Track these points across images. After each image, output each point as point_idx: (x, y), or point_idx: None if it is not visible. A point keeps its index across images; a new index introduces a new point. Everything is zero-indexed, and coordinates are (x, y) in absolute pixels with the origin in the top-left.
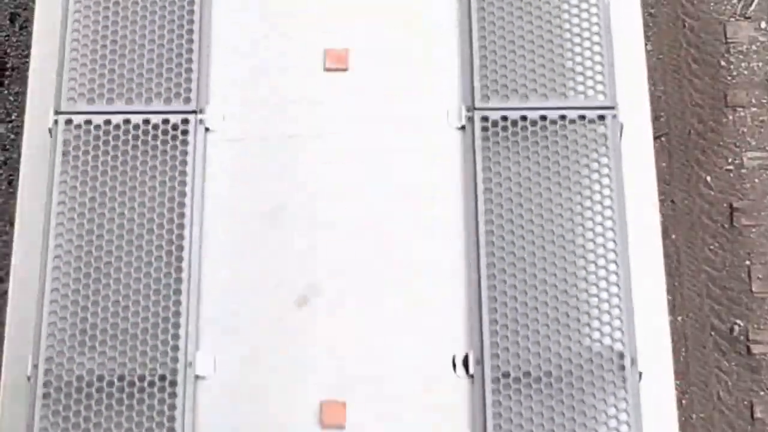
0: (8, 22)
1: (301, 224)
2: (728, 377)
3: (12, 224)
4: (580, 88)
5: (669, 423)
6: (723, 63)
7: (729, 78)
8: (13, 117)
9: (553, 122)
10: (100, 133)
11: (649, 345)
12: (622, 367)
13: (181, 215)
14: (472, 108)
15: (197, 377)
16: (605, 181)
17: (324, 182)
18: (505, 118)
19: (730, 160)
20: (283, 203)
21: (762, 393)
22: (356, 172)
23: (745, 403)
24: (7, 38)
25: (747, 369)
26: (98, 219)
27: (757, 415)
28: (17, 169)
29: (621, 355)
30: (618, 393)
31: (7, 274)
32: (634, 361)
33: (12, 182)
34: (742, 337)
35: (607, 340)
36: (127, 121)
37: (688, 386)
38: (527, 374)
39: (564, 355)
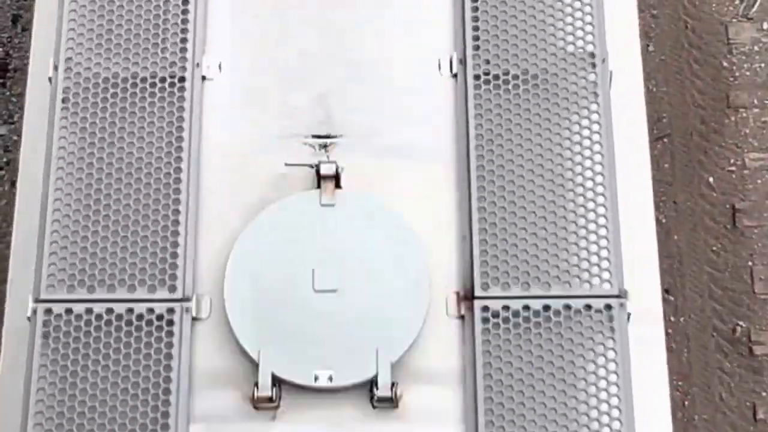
0: (10, 23)
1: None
2: (730, 378)
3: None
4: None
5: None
6: (725, 64)
7: (731, 79)
8: (15, 118)
9: None
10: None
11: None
12: (594, 66)
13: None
14: None
15: (204, 78)
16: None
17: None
18: None
19: (732, 161)
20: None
21: (764, 394)
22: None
23: (748, 404)
24: (9, 40)
25: (749, 370)
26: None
27: (760, 416)
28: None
29: (592, 55)
30: (590, 94)
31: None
32: (605, 60)
33: (15, 183)
34: (744, 339)
35: (580, 43)
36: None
37: (690, 387)
38: (506, 73)
39: (541, 55)
